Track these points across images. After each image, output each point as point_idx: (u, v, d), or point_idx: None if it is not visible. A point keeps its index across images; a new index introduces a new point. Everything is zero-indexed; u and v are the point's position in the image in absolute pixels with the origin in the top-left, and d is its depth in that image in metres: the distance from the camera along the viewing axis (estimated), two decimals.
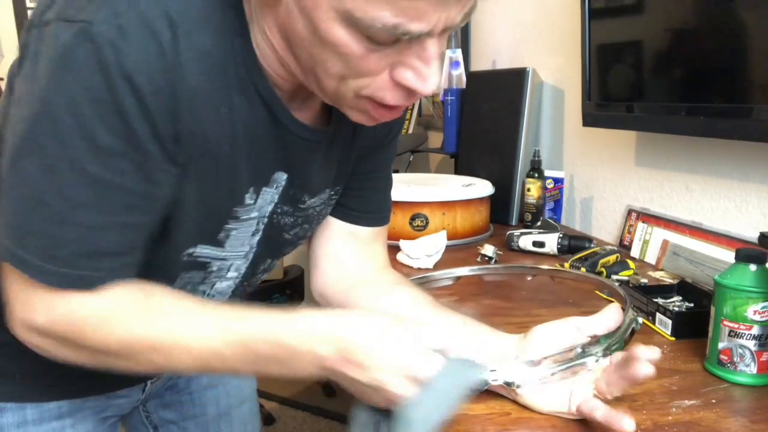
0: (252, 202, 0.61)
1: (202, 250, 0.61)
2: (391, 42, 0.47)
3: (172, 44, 0.48)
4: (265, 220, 0.65)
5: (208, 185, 0.56)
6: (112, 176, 0.49)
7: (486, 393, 0.66)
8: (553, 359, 0.60)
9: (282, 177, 0.63)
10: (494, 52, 2.03)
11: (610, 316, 0.63)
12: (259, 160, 0.59)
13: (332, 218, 0.77)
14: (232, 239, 0.63)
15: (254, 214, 0.63)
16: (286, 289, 2.14)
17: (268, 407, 2.29)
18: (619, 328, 0.62)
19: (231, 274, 0.68)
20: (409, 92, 0.52)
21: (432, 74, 0.50)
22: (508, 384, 0.61)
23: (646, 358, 0.55)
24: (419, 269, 1.15)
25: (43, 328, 0.53)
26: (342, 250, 0.78)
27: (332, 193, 0.73)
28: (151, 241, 0.56)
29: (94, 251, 0.51)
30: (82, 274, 0.51)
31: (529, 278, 1.11)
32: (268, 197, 0.63)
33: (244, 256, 0.67)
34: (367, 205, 0.78)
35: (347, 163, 0.72)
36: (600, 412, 0.56)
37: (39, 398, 0.69)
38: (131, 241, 0.54)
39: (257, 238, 0.66)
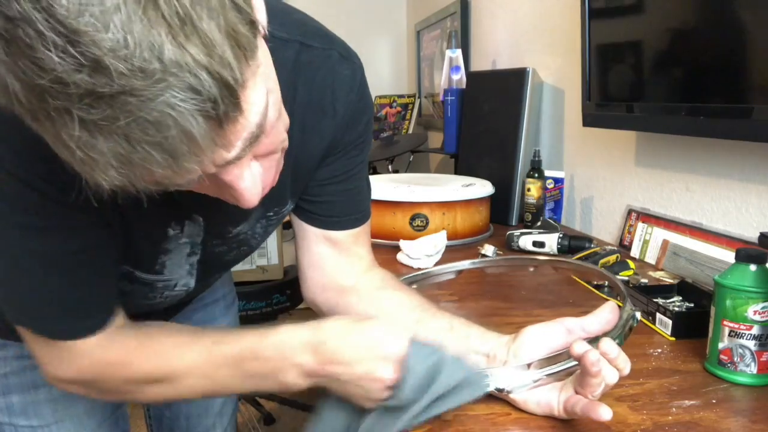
0: (178, 231, 0.63)
1: (141, 275, 0.66)
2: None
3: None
4: (199, 247, 0.67)
5: (127, 236, 0.59)
6: (54, 249, 0.54)
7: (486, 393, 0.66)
8: (544, 362, 0.60)
9: (199, 219, 0.64)
10: (494, 52, 2.03)
11: (603, 317, 0.62)
12: (167, 209, 0.60)
13: (306, 225, 0.76)
14: (168, 267, 0.66)
15: (184, 240, 0.65)
16: (287, 289, 2.14)
17: (268, 407, 2.29)
18: (616, 325, 0.62)
19: (179, 289, 0.71)
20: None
21: (243, 192, 0.45)
22: (499, 390, 0.61)
23: (596, 359, 0.55)
24: (419, 269, 1.15)
25: (68, 378, 0.62)
26: (322, 257, 0.77)
27: (270, 214, 0.71)
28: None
29: (73, 307, 0.58)
30: (74, 326, 0.59)
31: (531, 269, 1.11)
32: (195, 230, 0.65)
33: (188, 273, 0.70)
34: (333, 209, 0.75)
35: (282, 185, 0.68)
36: (579, 405, 0.57)
37: None
38: (104, 287, 0.60)
39: (196, 258, 0.68)
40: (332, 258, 0.77)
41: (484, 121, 1.70)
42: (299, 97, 0.64)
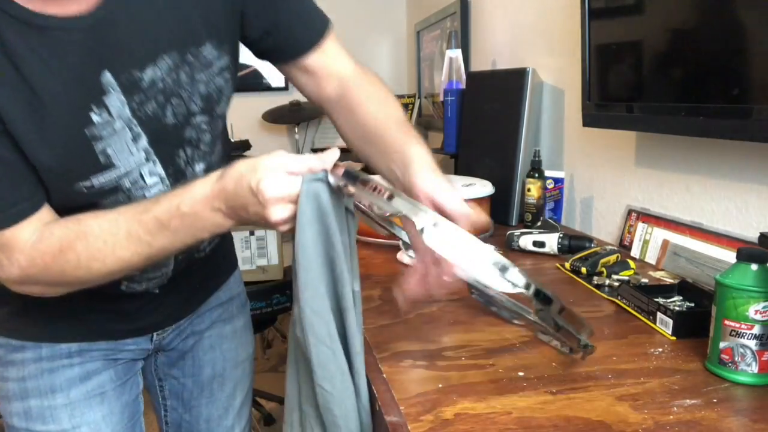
0: (105, 118, 0.65)
1: (98, 179, 0.68)
2: None
3: None
4: (134, 121, 0.68)
5: (35, 122, 0.62)
6: None
7: (486, 393, 0.66)
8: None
9: (107, 76, 0.65)
10: (494, 52, 2.03)
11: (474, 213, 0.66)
12: (61, 74, 0.62)
13: (285, 68, 0.83)
14: (114, 156, 0.68)
15: (118, 125, 0.67)
16: (287, 289, 2.14)
17: (268, 407, 2.29)
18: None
19: (150, 180, 0.72)
20: None
21: None
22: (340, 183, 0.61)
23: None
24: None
25: (16, 278, 0.67)
26: (309, 85, 0.85)
27: (190, 57, 0.71)
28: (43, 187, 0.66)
29: None
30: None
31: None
32: (117, 102, 0.66)
33: (146, 159, 0.71)
34: (288, 36, 0.80)
35: (187, 21, 0.70)
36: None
37: (53, 340, 0.81)
38: (21, 179, 0.64)
39: (144, 141, 0.70)
40: (316, 81, 0.84)
41: (484, 121, 1.70)
42: None
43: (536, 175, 1.46)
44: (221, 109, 0.78)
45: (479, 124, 1.73)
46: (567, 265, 1.11)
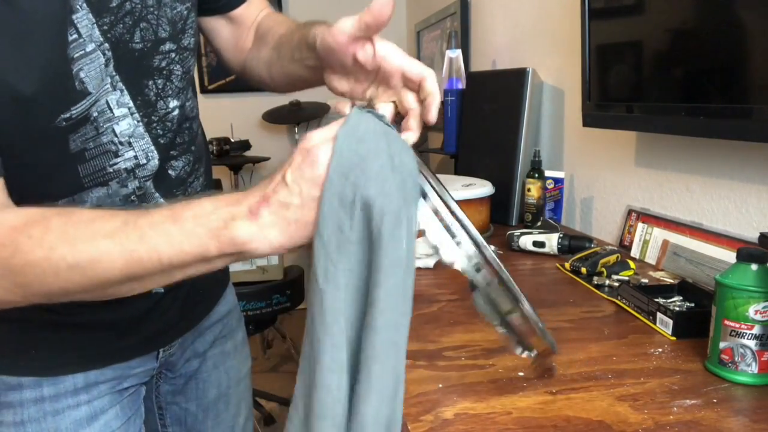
0: (76, 36, 0.63)
1: (76, 110, 0.64)
2: None
3: None
4: (106, 45, 0.66)
5: (17, 47, 0.58)
6: None
7: (486, 393, 0.67)
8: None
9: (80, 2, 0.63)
10: (494, 52, 2.03)
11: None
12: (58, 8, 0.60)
13: (213, 22, 0.87)
14: (89, 82, 0.65)
15: (91, 47, 0.64)
16: (286, 289, 2.14)
17: (268, 407, 2.29)
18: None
19: (118, 111, 0.68)
20: None
21: None
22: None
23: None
24: (418, 268, 1.15)
25: None
26: (231, 37, 0.89)
27: None
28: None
29: None
30: None
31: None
32: (87, 22, 0.64)
33: (112, 87, 0.68)
34: None
35: None
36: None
37: (54, 372, 0.73)
38: None
39: (111, 66, 0.67)
40: (240, 31, 0.89)
41: (484, 121, 1.70)
42: None
43: (536, 175, 1.47)
44: (187, 41, 0.76)
45: (479, 124, 1.73)
46: (567, 265, 1.11)
